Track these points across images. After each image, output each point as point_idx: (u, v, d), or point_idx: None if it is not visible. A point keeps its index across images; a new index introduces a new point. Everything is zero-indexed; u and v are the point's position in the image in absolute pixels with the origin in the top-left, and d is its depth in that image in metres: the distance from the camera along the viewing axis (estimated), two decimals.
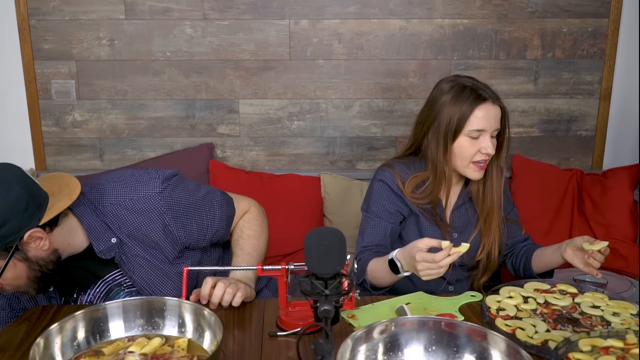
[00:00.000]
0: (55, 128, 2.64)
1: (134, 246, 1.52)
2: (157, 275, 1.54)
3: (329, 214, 2.56)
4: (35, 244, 1.37)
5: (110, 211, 1.50)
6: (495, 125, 1.68)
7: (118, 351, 1.19)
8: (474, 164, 1.69)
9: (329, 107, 2.66)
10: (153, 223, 1.52)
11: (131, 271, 1.52)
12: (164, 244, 1.54)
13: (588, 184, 2.58)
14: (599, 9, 2.59)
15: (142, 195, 1.52)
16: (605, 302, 1.44)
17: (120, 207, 1.50)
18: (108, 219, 1.49)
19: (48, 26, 2.54)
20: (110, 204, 1.50)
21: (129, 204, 1.51)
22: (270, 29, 2.57)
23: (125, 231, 1.51)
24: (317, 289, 1.11)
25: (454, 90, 1.69)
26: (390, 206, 1.75)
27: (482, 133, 1.66)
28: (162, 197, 1.53)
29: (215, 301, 1.44)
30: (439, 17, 2.58)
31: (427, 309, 1.48)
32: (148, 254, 1.53)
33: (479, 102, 1.66)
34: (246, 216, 1.71)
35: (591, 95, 2.69)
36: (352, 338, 1.07)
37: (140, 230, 1.52)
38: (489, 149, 1.65)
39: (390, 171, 1.76)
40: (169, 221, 1.53)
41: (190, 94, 2.62)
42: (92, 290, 1.55)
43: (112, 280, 1.55)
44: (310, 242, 1.14)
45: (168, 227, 1.53)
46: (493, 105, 1.67)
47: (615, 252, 2.43)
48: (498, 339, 1.08)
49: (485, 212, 1.77)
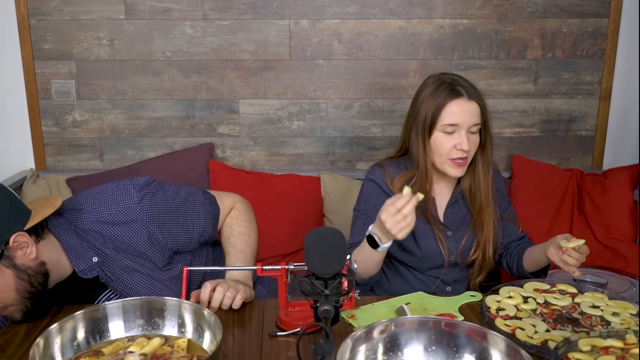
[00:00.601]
0: (55, 128, 2.64)
1: (122, 259, 1.49)
2: (150, 283, 1.52)
3: (329, 214, 2.56)
4: (22, 252, 1.35)
5: (91, 229, 1.47)
6: (471, 120, 1.66)
7: (118, 351, 1.19)
8: (451, 160, 1.68)
9: (329, 107, 2.66)
10: (137, 233, 1.49)
11: (121, 285, 1.49)
12: (151, 252, 1.51)
13: (588, 184, 2.58)
14: (599, 9, 2.59)
15: (120, 208, 1.49)
16: (605, 302, 1.44)
17: (101, 223, 1.47)
18: (90, 236, 1.46)
19: (48, 26, 2.54)
20: (90, 222, 1.47)
21: (109, 218, 1.48)
22: (270, 29, 2.57)
23: (111, 245, 1.48)
24: (317, 289, 1.11)
25: (433, 85, 1.70)
26: (379, 205, 1.75)
27: (457, 128, 1.66)
28: (141, 207, 1.50)
29: (215, 305, 1.43)
30: (439, 17, 2.58)
31: (427, 309, 1.48)
32: (137, 264, 1.50)
33: (452, 97, 1.66)
34: (232, 213, 1.69)
35: (591, 95, 2.69)
36: (352, 338, 1.06)
37: (125, 242, 1.48)
38: (464, 144, 1.64)
39: (381, 170, 1.77)
40: (153, 229, 1.51)
41: (190, 94, 2.62)
42: None
43: (105, 300, 1.50)
44: (310, 242, 1.14)
45: (153, 235, 1.51)
46: (468, 101, 1.66)
47: (615, 252, 2.43)
48: (498, 339, 1.08)
49: (476, 210, 1.77)
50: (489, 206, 1.76)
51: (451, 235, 1.78)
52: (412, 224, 1.46)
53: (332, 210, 2.55)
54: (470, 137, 1.67)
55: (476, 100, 1.68)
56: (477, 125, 1.68)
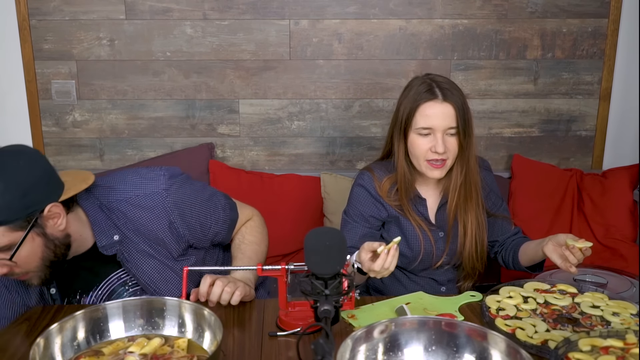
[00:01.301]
0: (55, 128, 2.64)
1: (139, 242, 1.52)
2: (163, 271, 1.55)
3: (329, 214, 2.56)
4: (54, 221, 1.39)
5: (116, 208, 1.51)
6: (445, 123, 1.62)
7: (118, 351, 1.19)
8: (428, 162, 1.66)
9: (329, 107, 2.66)
10: (159, 220, 1.53)
11: (135, 268, 1.52)
12: (169, 240, 1.54)
13: (588, 184, 2.58)
14: (598, 9, 2.59)
15: (148, 192, 1.53)
16: (605, 302, 1.44)
17: (127, 204, 1.52)
18: (114, 215, 1.50)
19: (48, 26, 2.54)
20: (116, 200, 1.51)
21: (135, 200, 1.52)
22: (270, 29, 2.57)
23: (132, 227, 1.51)
24: (317, 289, 1.11)
25: (415, 87, 1.68)
26: (366, 211, 1.75)
27: (431, 131, 1.63)
28: (168, 194, 1.54)
29: (214, 299, 1.44)
30: (439, 17, 2.58)
31: (427, 309, 1.48)
32: (153, 249, 1.53)
33: (425, 99, 1.63)
34: (249, 223, 1.73)
35: (591, 95, 2.69)
36: (352, 338, 1.07)
37: (146, 226, 1.52)
38: (438, 147, 1.62)
39: (369, 174, 1.76)
40: (174, 218, 1.54)
41: (190, 94, 2.62)
42: (95, 292, 1.55)
43: (116, 279, 1.55)
44: (310, 242, 1.15)
45: (174, 224, 1.54)
46: (442, 103, 1.63)
47: (615, 252, 2.43)
48: (498, 338, 1.08)
49: (451, 213, 1.75)
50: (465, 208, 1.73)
51: (442, 236, 1.78)
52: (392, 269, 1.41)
53: (332, 210, 2.55)
54: (447, 139, 1.64)
55: (451, 102, 1.63)
56: (453, 127, 1.64)
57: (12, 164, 1.32)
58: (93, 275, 1.55)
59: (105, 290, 1.55)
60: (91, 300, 1.56)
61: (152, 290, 1.54)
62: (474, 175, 1.73)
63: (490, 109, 2.68)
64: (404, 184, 1.72)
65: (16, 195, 1.30)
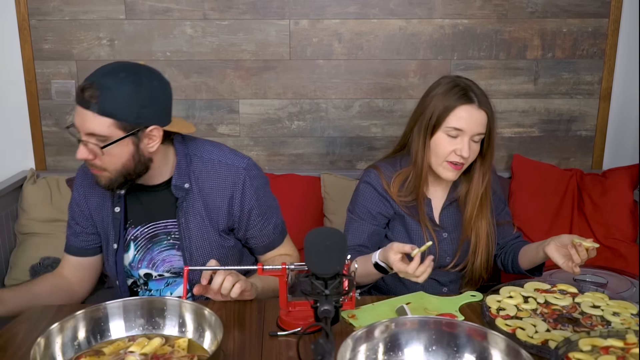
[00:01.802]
0: (55, 128, 2.64)
1: (199, 200, 1.60)
2: (205, 236, 1.61)
3: (329, 214, 2.56)
4: (149, 141, 1.49)
5: (197, 162, 1.62)
6: (477, 129, 1.64)
7: (119, 351, 1.19)
8: (448, 162, 1.67)
9: (329, 107, 2.66)
10: (224, 189, 1.61)
11: (185, 221, 1.60)
12: (222, 212, 1.62)
13: (588, 184, 2.58)
14: (599, 9, 2.60)
15: (229, 162, 1.64)
16: (605, 302, 1.43)
17: (207, 163, 1.62)
18: (193, 167, 1.61)
19: (48, 26, 2.54)
20: (200, 156, 1.63)
21: (216, 164, 1.63)
22: (270, 29, 2.57)
23: (200, 184, 1.60)
24: (317, 289, 1.11)
25: (446, 86, 1.68)
26: (373, 208, 1.75)
27: (461, 134, 1.64)
28: (244, 173, 1.63)
29: (215, 287, 1.43)
30: (439, 17, 2.58)
31: (428, 309, 1.48)
32: (206, 213, 1.60)
33: (464, 101, 1.64)
34: (286, 257, 1.74)
35: (591, 95, 2.69)
36: (353, 338, 1.06)
37: (212, 190, 1.61)
38: (464, 151, 1.63)
39: (376, 172, 1.77)
40: (236, 195, 1.62)
41: (190, 94, 2.62)
42: (142, 228, 1.62)
43: (163, 226, 1.62)
44: (310, 242, 1.14)
45: (233, 199, 1.62)
46: (478, 109, 1.64)
47: (615, 252, 2.43)
48: (498, 338, 1.08)
49: (466, 220, 1.76)
50: (480, 218, 1.75)
51: (446, 237, 1.78)
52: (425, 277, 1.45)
53: (332, 210, 2.55)
54: (472, 145, 1.66)
55: (485, 109, 1.66)
56: (481, 135, 1.67)
57: (148, 79, 1.46)
58: (147, 212, 1.62)
59: (151, 230, 1.62)
60: (136, 233, 1.62)
61: (187, 249, 1.60)
62: (490, 184, 1.76)
63: None
64: (419, 179, 1.72)
65: (137, 104, 1.43)
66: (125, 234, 1.63)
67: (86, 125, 1.42)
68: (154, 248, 1.62)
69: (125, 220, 1.63)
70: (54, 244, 2.41)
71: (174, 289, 1.67)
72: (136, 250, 1.63)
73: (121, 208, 1.61)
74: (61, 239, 2.44)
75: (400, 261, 1.44)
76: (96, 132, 1.42)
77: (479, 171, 1.73)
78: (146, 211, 1.62)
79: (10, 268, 2.43)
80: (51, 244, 2.41)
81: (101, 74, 1.43)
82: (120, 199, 1.60)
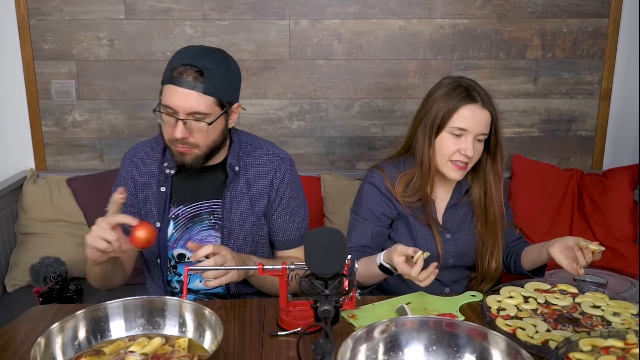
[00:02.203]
0: (55, 128, 2.64)
1: (243, 185, 1.66)
2: (244, 219, 1.66)
3: (329, 214, 2.56)
4: (232, 117, 1.62)
5: (247, 148, 1.70)
6: (480, 129, 1.66)
7: (119, 351, 1.19)
8: (452, 162, 1.68)
9: (329, 107, 2.66)
10: (268, 176, 1.68)
11: (230, 202, 1.65)
12: (263, 197, 1.68)
13: (588, 184, 2.58)
14: (599, 9, 2.60)
15: (276, 153, 1.72)
16: (605, 302, 1.44)
17: (256, 151, 1.70)
18: (243, 151, 1.69)
19: (48, 26, 2.54)
20: (250, 144, 1.72)
21: (264, 153, 1.70)
22: (270, 29, 2.57)
23: (247, 170, 1.68)
24: (317, 289, 1.11)
25: (449, 87, 1.70)
26: (377, 209, 1.76)
27: (465, 133, 1.66)
28: (288, 164, 1.71)
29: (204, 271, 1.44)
30: (439, 17, 2.58)
31: (428, 309, 1.48)
32: (248, 197, 1.66)
33: (467, 101, 1.65)
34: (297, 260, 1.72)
35: (591, 95, 2.69)
36: (353, 338, 1.06)
37: (257, 176, 1.68)
38: (468, 150, 1.64)
39: (379, 173, 1.77)
40: (275, 182, 1.68)
41: None
42: (184, 207, 1.66)
43: (207, 206, 1.66)
44: (310, 242, 1.15)
45: (273, 185, 1.68)
46: (481, 109, 1.66)
47: (615, 252, 2.43)
48: (498, 338, 1.08)
49: (490, 223, 1.77)
50: (502, 218, 1.77)
51: (450, 237, 1.78)
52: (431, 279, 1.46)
53: (332, 210, 2.55)
54: (476, 144, 1.67)
55: (489, 109, 1.68)
56: (485, 134, 1.68)
57: (231, 59, 1.59)
58: (192, 192, 1.66)
59: (193, 210, 1.66)
60: (177, 212, 1.65)
61: (226, 228, 1.64)
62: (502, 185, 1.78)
63: None
64: (426, 180, 1.73)
65: (230, 82, 1.56)
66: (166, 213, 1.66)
67: (190, 105, 1.49)
68: (193, 228, 1.66)
69: (169, 199, 1.66)
70: (54, 244, 2.42)
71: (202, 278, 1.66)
72: (175, 229, 1.65)
73: (167, 188, 1.65)
74: (61, 239, 2.45)
75: (404, 263, 1.45)
76: (200, 111, 1.50)
77: (491, 171, 1.76)
78: (192, 191, 1.66)
79: (10, 268, 2.43)
80: (51, 244, 2.41)
81: (194, 56, 1.51)
82: (167, 178, 1.65)
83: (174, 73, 1.49)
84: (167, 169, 1.65)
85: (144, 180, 1.68)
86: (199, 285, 1.67)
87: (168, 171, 1.65)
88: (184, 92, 1.48)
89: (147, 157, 1.70)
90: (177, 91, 1.49)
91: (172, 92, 1.50)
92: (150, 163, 1.69)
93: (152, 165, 1.68)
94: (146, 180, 1.68)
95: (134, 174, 1.69)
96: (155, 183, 1.66)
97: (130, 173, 1.69)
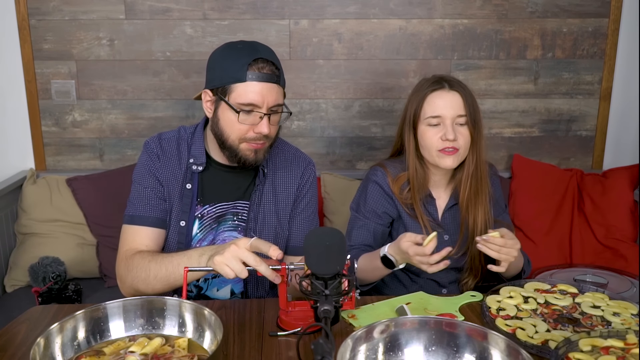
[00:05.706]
0: (55, 128, 2.64)
1: (270, 187, 1.65)
2: (268, 221, 1.63)
3: (329, 214, 2.56)
4: None
5: (275, 150, 1.68)
6: (454, 111, 1.66)
7: (119, 351, 1.19)
8: (439, 151, 1.68)
9: (329, 107, 2.66)
10: (295, 179, 1.67)
11: (257, 203, 1.62)
12: (289, 200, 1.66)
13: (588, 184, 2.58)
14: (599, 9, 2.60)
15: (303, 156, 1.72)
16: (605, 302, 1.43)
17: (284, 153, 1.70)
18: (272, 153, 1.66)
19: (48, 26, 2.54)
20: (276, 146, 1.69)
21: (291, 156, 1.70)
22: (270, 29, 2.57)
23: (274, 171, 1.66)
24: (317, 289, 1.11)
25: (419, 83, 1.74)
26: (379, 208, 1.76)
27: (440, 120, 1.66)
28: (313, 169, 1.71)
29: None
30: (439, 17, 2.58)
31: (428, 309, 1.48)
32: (274, 199, 1.65)
33: (433, 88, 1.68)
34: None
35: (591, 95, 2.69)
36: (352, 338, 1.06)
37: (284, 179, 1.67)
38: (449, 134, 1.64)
39: (382, 171, 1.77)
40: (302, 186, 1.67)
41: (190, 94, 2.62)
42: (210, 207, 1.62)
43: (232, 206, 1.63)
44: (310, 242, 1.14)
45: (299, 192, 1.67)
46: (448, 91, 1.67)
47: (615, 252, 2.43)
48: (498, 338, 1.08)
49: (463, 205, 1.74)
50: (476, 203, 1.73)
51: (447, 239, 1.78)
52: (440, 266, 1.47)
53: (332, 210, 2.55)
54: (458, 129, 1.67)
55: (458, 91, 1.67)
56: (463, 116, 1.67)
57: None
58: (219, 191, 1.63)
59: (219, 210, 1.63)
60: (203, 212, 1.62)
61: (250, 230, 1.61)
62: (484, 167, 1.75)
63: (491, 109, 2.68)
64: (416, 180, 1.73)
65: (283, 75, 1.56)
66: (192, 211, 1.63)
67: (274, 98, 1.50)
68: (218, 228, 1.62)
69: (196, 197, 1.63)
70: (53, 244, 2.42)
71: (222, 286, 1.65)
72: (199, 228, 1.62)
73: (193, 185, 1.61)
74: (61, 239, 2.45)
75: (414, 245, 1.46)
76: (281, 102, 1.53)
77: (470, 153, 1.72)
78: (219, 190, 1.63)
79: (10, 268, 2.43)
80: (51, 244, 2.41)
81: (260, 50, 1.50)
82: (193, 175, 1.61)
83: (252, 69, 1.46)
84: (194, 165, 1.60)
85: (166, 174, 1.61)
86: (217, 294, 1.66)
87: (195, 167, 1.60)
88: (269, 87, 1.48)
89: (173, 150, 1.63)
90: (261, 86, 1.47)
91: (255, 88, 1.47)
92: (175, 157, 1.62)
93: (177, 160, 1.62)
94: (169, 175, 1.61)
95: (159, 164, 1.61)
96: (180, 179, 1.61)
97: (155, 162, 1.61)
